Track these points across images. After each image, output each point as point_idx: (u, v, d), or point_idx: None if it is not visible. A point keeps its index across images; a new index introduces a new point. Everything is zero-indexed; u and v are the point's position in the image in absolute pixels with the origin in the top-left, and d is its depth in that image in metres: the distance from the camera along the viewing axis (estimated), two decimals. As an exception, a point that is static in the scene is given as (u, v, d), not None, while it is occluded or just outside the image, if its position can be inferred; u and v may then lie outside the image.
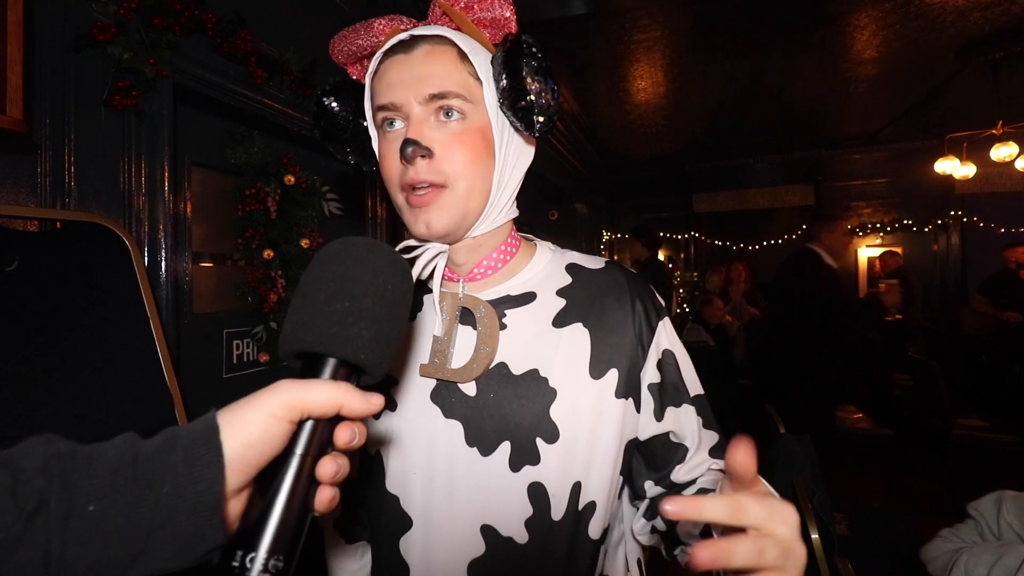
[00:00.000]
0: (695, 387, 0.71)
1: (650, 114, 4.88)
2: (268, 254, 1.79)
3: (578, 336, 0.66)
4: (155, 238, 1.42)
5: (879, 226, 6.05)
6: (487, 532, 0.63)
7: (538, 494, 0.62)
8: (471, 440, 0.63)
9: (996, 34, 3.38)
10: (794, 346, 3.06)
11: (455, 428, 0.64)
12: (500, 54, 0.61)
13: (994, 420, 3.61)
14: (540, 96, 0.59)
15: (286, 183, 1.84)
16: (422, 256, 0.67)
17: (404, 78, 0.61)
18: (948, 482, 3.45)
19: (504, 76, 0.60)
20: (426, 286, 0.71)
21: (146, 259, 1.38)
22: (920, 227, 5.90)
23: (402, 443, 0.66)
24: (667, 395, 0.68)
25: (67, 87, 1.23)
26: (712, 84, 4.16)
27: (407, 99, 0.61)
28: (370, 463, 0.69)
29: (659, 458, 0.68)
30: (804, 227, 6.00)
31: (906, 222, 5.95)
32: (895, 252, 5.46)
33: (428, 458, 0.64)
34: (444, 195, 0.62)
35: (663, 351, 0.69)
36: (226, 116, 1.76)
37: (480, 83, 0.63)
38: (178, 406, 1.23)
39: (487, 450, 0.63)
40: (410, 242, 0.69)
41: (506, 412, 0.63)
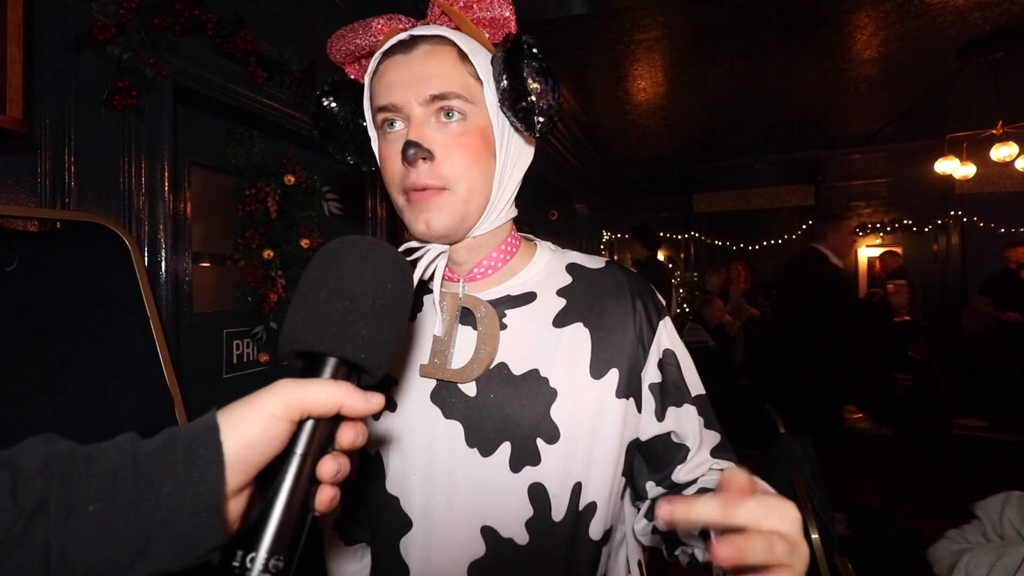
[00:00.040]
0: (696, 387, 0.71)
1: (650, 114, 4.88)
2: (268, 254, 1.79)
3: (579, 336, 0.66)
4: (155, 238, 1.42)
5: (879, 226, 6.05)
6: (487, 533, 0.62)
7: (538, 495, 0.62)
8: (471, 441, 0.63)
9: (996, 34, 3.38)
10: (802, 346, 3.04)
11: (455, 429, 0.64)
12: (501, 54, 0.61)
13: (994, 420, 3.61)
14: (541, 96, 0.59)
15: (286, 183, 1.84)
16: (424, 258, 0.67)
17: (404, 79, 0.61)
18: (948, 482, 3.45)
19: (505, 76, 0.60)
20: (426, 286, 0.70)
21: (146, 259, 1.38)
22: (920, 227, 5.90)
23: (402, 444, 0.66)
24: (668, 395, 0.68)
25: (67, 87, 1.23)
26: (712, 84, 4.16)
27: (407, 100, 0.61)
28: (370, 464, 0.68)
29: (660, 458, 0.68)
30: (806, 227, 6.02)
31: (906, 222, 5.95)
32: (895, 252, 5.46)
33: (428, 459, 0.64)
34: (445, 196, 0.61)
35: (664, 350, 0.69)
36: (226, 116, 1.76)
37: (480, 83, 0.62)
38: (178, 406, 1.23)
39: (487, 451, 0.63)
40: (411, 244, 0.68)
41: (506, 412, 0.63)
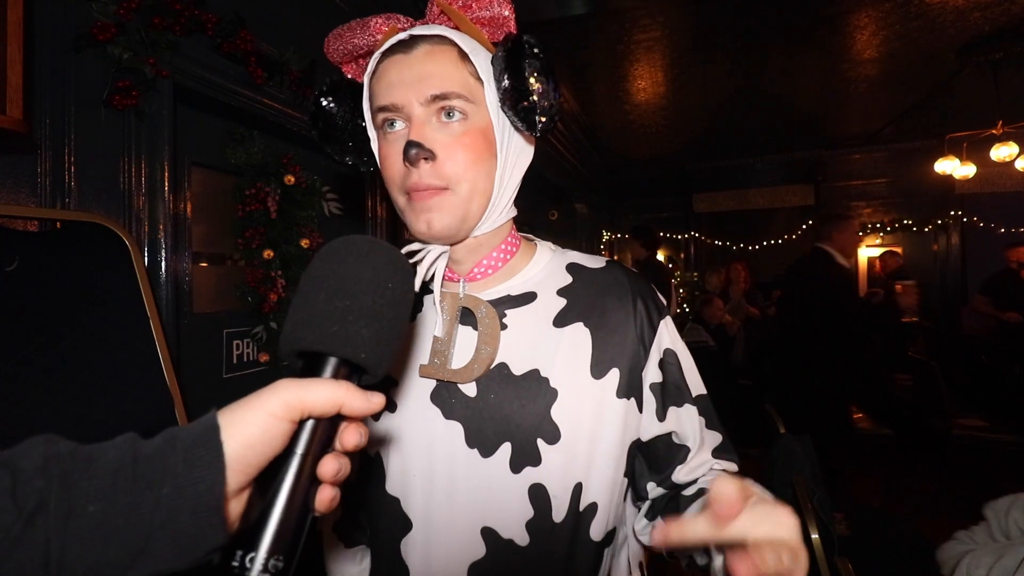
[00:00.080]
0: (697, 387, 0.71)
1: (650, 114, 4.88)
2: (268, 254, 1.79)
3: (579, 336, 0.66)
4: (155, 238, 1.42)
5: (879, 226, 6.04)
6: (487, 534, 0.62)
7: (539, 495, 0.62)
8: (471, 441, 0.63)
9: (996, 34, 3.37)
10: (804, 346, 3.03)
11: (455, 429, 0.64)
12: (501, 54, 0.61)
13: (994, 420, 3.60)
14: (542, 96, 0.59)
15: (286, 183, 1.84)
16: (425, 259, 0.67)
17: (404, 79, 0.60)
18: (948, 482, 3.45)
19: (506, 76, 0.60)
20: (426, 286, 0.70)
21: (146, 259, 1.38)
22: (920, 227, 5.89)
23: (402, 444, 0.66)
24: (669, 395, 0.68)
25: (67, 87, 1.23)
26: (712, 84, 4.16)
27: (408, 100, 0.60)
28: (370, 465, 0.68)
29: (661, 459, 0.68)
30: (806, 227, 6.02)
31: (906, 222, 5.95)
32: (895, 252, 5.45)
33: (428, 459, 0.64)
34: (446, 196, 0.61)
35: (665, 350, 0.69)
36: (226, 116, 1.76)
37: (481, 83, 0.62)
38: (178, 406, 1.23)
39: (488, 451, 0.63)
40: (412, 246, 0.68)
41: (507, 413, 0.63)
